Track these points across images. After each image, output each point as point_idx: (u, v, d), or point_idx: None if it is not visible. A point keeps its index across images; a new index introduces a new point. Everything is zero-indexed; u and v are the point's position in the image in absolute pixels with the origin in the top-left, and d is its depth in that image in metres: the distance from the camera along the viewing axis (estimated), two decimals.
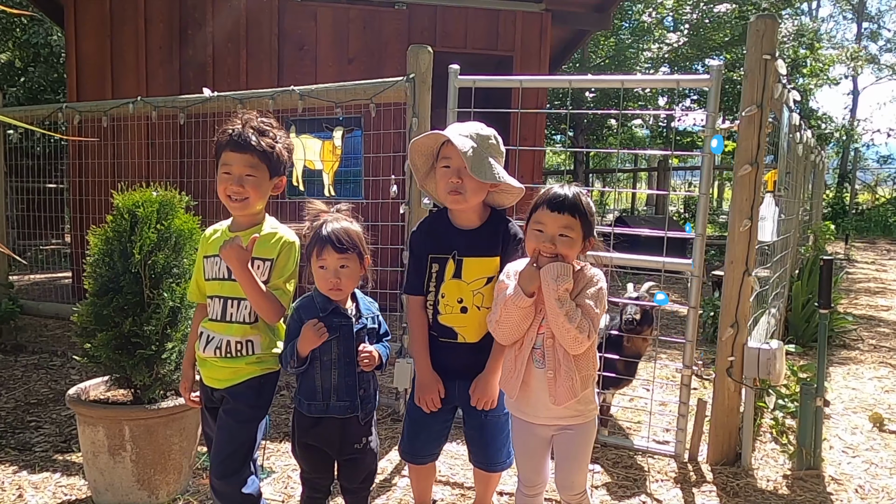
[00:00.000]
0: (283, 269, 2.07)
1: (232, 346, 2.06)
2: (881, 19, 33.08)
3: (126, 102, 4.57)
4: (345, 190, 4.04)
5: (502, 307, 1.95)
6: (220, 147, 2.06)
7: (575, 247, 1.93)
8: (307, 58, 6.33)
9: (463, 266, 2.15)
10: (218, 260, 2.08)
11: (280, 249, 2.07)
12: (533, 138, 6.71)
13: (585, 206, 1.93)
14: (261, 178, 2.05)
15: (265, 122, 2.09)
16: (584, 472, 2.05)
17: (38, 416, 3.54)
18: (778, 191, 3.55)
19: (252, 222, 2.11)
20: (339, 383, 2.03)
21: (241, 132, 2.02)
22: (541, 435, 2.04)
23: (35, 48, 11.49)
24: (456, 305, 2.16)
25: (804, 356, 4.99)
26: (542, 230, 1.92)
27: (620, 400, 3.86)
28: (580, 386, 1.93)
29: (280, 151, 2.08)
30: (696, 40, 14.38)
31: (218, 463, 2.05)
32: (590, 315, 1.90)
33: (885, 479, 3.06)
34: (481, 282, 2.15)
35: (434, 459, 2.37)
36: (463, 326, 2.17)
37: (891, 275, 10.43)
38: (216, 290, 2.10)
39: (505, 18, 6.64)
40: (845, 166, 21.78)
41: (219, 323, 2.09)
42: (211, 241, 2.15)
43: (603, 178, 18.33)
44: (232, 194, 2.03)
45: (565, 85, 3.63)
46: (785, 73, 3.17)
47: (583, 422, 2.00)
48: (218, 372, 2.09)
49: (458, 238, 2.18)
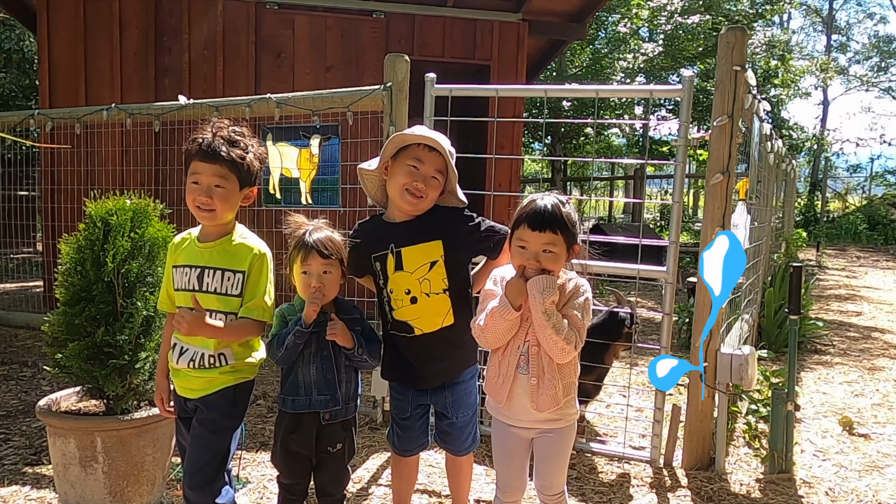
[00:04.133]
0: (256, 285, 2.05)
1: (205, 358, 2.04)
2: (850, 31, 33.93)
3: (100, 109, 4.51)
4: (322, 198, 4.03)
5: (489, 317, 1.97)
6: (190, 156, 2.02)
7: (559, 260, 1.95)
8: (285, 65, 6.32)
9: (402, 257, 2.17)
10: (188, 270, 2.05)
11: (251, 262, 2.05)
12: (510, 147, 6.75)
13: (566, 219, 1.93)
14: (230, 188, 2.01)
15: (236, 131, 2.05)
16: (562, 473, 2.08)
17: (7, 429, 3.47)
18: (750, 199, 3.62)
19: (222, 232, 2.08)
20: (318, 378, 2.08)
21: (211, 142, 1.98)
22: (521, 438, 2.05)
23: (6, 53, 11.31)
24: (405, 297, 2.18)
25: (776, 361, 5.08)
26: (525, 247, 1.93)
27: (597, 406, 3.89)
28: (562, 394, 1.96)
29: (251, 162, 2.04)
30: (670, 51, 14.58)
31: (192, 473, 2.03)
32: (576, 325, 1.92)
33: (855, 481, 3.12)
34: (425, 268, 2.17)
35: (422, 450, 2.40)
36: (416, 318, 2.19)
37: (860, 281, 10.65)
38: (185, 301, 2.04)
39: (482, 28, 6.69)
40: (816, 175, 22.27)
41: (189, 336, 2.03)
42: (181, 251, 2.12)
43: (580, 186, 18.48)
44: (200, 205, 1.99)
45: (541, 94, 3.67)
46: (755, 83, 3.24)
47: (563, 426, 2.03)
48: (191, 382, 2.07)
49: (391, 231, 2.20)
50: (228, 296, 2.04)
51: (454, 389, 2.28)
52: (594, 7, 7.14)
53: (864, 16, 35.63)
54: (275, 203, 4.10)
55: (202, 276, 2.04)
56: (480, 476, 2.99)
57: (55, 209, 5.87)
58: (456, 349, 2.24)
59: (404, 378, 2.28)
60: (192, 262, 2.07)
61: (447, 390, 2.27)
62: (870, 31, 34.26)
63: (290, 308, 2.13)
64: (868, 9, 37.09)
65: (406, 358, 2.24)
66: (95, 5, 6.14)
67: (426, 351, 2.22)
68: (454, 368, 2.27)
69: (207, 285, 2.04)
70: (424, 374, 2.25)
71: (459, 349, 2.25)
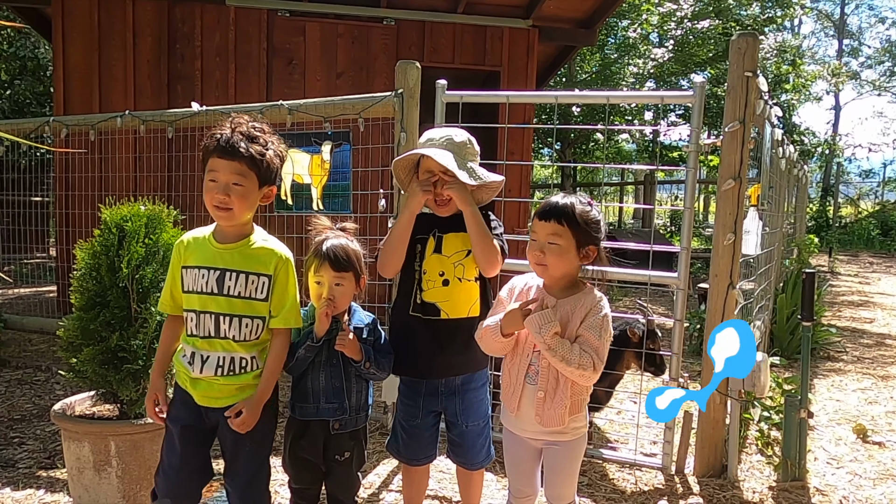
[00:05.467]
0: (286, 292, 1.99)
1: (236, 362, 1.96)
2: (861, 36, 33.74)
3: (114, 116, 4.56)
4: (333, 204, 4.05)
5: (483, 331, 2.01)
6: (207, 153, 1.92)
7: (565, 255, 1.91)
8: (296, 72, 6.36)
9: (443, 241, 2.24)
10: (205, 272, 1.95)
11: (277, 267, 1.98)
12: (520, 152, 6.77)
13: (579, 215, 1.91)
14: (249, 187, 1.92)
15: (256, 126, 1.95)
16: (570, 485, 2.06)
17: (22, 433, 3.50)
18: (761, 205, 3.61)
19: (240, 233, 2.00)
20: (326, 386, 2.08)
21: (230, 137, 1.89)
22: (529, 447, 2.05)
23: (22, 61, 11.46)
24: (438, 279, 2.22)
25: (789, 368, 5.04)
26: (535, 239, 1.96)
27: (608, 413, 3.88)
28: (569, 413, 1.94)
29: (271, 159, 1.95)
30: (680, 56, 14.54)
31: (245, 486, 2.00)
32: (592, 346, 1.87)
33: (869, 489, 3.09)
34: (461, 254, 2.22)
35: (430, 461, 2.39)
36: (445, 301, 2.21)
37: (873, 287, 10.56)
38: (202, 304, 1.96)
39: (492, 34, 6.70)
40: (828, 180, 22.10)
41: (213, 340, 1.95)
42: (192, 251, 2.01)
43: (590, 191, 18.44)
44: (218, 204, 1.90)
45: (552, 100, 3.68)
46: (767, 89, 3.23)
47: (570, 439, 2.00)
48: (218, 390, 1.96)
49: (439, 220, 2.28)
50: (254, 300, 1.96)
51: (465, 396, 2.28)
52: (604, 13, 7.14)
53: (875, 20, 35.40)
54: (286, 209, 4.13)
55: (222, 278, 1.95)
56: (491, 483, 2.99)
57: (69, 215, 5.93)
58: (475, 344, 2.22)
59: (414, 369, 2.27)
60: (209, 264, 1.96)
61: (458, 396, 2.27)
62: (882, 36, 34.03)
63: (304, 314, 2.13)
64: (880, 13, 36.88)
65: (423, 345, 2.23)
66: (109, 13, 6.20)
67: (448, 337, 2.22)
68: (468, 365, 2.27)
69: (229, 289, 1.95)
70: (437, 365, 2.24)
71: (476, 346, 2.24)
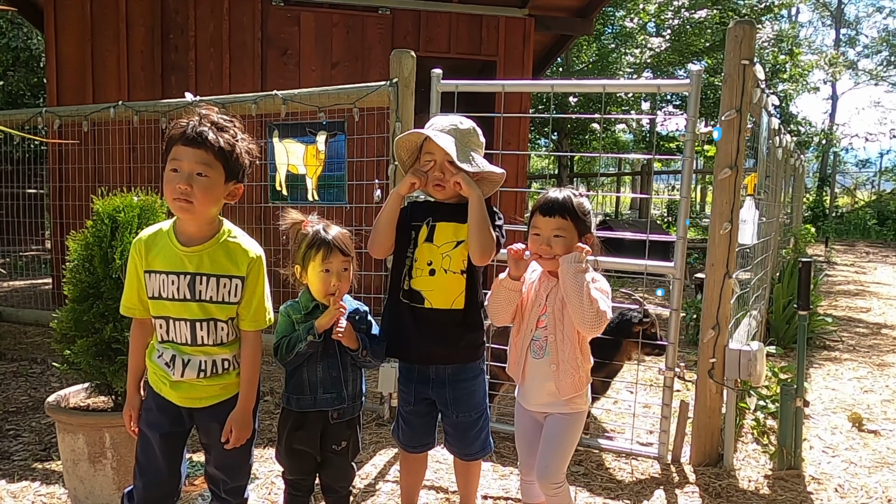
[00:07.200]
0: (254, 293, 1.90)
1: (218, 364, 1.90)
2: (859, 25, 33.63)
3: (107, 107, 4.53)
4: (328, 194, 4.02)
5: (493, 286, 2.15)
6: (171, 141, 1.78)
7: (570, 245, 2.06)
8: (291, 62, 6.31)
9: (435, 230, 2.25)
10: (175, 278, 1.83)
11: (249, 267, 1.89)
12: (517, 142, 6.74)
13: (577, 207, 2.08)
14: (214, 178, 1.77)
15: (226, 118, 1.84)
16: (560, 460, 2.10)
17: (17, 425, 3.49)
18: (758, 194, 3.60)
19: (208, 232, 1.86)
20: (324, 376, 2.09)
21: (197, 125, 1.77)
22: (534, 419, 2.20)
23: (14, 52, 11.36)
24: (425, 268, 2.23)
25: (785, 357, 5.05)
26: (538, 234, 2.09)
27: (605, 403, 3.88)
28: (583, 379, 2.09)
29: (240, 153, 1.82)
30: (677, 45, 14.50)
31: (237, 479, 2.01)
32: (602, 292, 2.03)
33: (864, 477, 3.10)
34: (451, 245, 2.23)
35: (427, 449, 2.41)
36: (430, 290, 2.22)
37: (870, 277, 10.59)
38: (176, 311, 1.85)
39: (488, 23, 6.66)
40: (825, 170, 22.08)
41: (191, 346, 1.88)
42: (156, 254, 1.86)
43: (587, 181, 18.43)
44: (178, 195, 1.74)
45: (548, 89, 3.66)
46: (763, 78, 3.21)
47: (569, 412, 2.11)
48: (200, 391, 1.91)
49: (433, 207, 2.30)
50: (227, 303, 1.87)
51: (456, 386, 2.27)
52: (600, 2, 7.11)
53: (873, 10, 35.29)
54: (281, 200, 4.10)
55: (193, 283, 1.84)
56: (488, 472, 2.99)
57: (63, 206, 5.90)
58: (458, 337, 2.24)
59: (400, 352, 2.30)
60: (177, 269, 1.84)
61: (448, 386, 2.27)
62: (879, 26, 33.91)
63: (294, 306, 2.12)
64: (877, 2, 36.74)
65: (409, 330, 2.24)
66: (102, 3, 6.15)
67: (431, 326, 2.22)
68: (451, 356, 2.26)
69: (201, 293, 1.84)
70: (417, 350, 2.26)
71: (462, 339, 2.24)
